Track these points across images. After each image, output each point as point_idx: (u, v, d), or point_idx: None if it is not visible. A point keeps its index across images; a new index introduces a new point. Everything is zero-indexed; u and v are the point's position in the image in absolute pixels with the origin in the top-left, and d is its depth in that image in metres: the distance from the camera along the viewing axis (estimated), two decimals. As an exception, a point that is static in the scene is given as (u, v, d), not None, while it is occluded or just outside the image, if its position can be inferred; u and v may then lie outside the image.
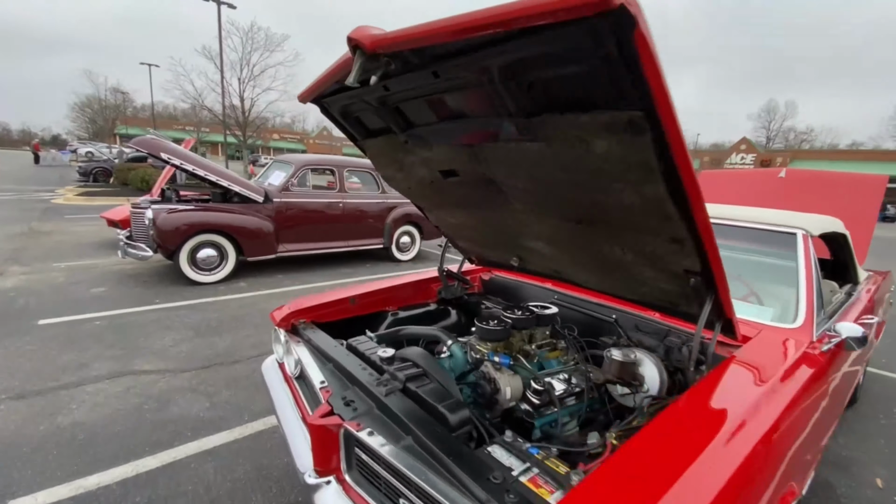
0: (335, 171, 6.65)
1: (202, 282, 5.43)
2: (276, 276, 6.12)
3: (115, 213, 7.40)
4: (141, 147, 5.26)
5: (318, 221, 6.43)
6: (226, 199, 6.12)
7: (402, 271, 6.81)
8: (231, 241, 5.58)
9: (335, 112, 1.82)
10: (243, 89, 19.24)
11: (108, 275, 5.71)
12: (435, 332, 1.83)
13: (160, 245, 5.12)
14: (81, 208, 11.87)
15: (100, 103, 55.78)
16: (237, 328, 4.13)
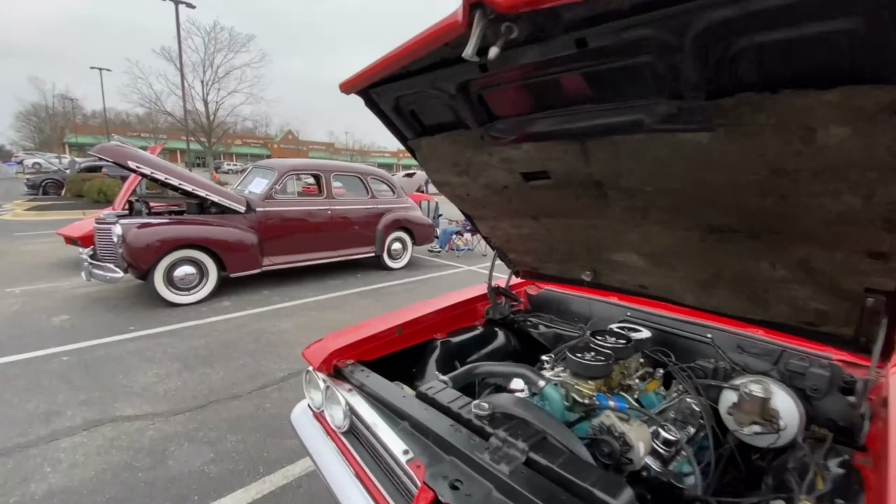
0: (321, 175, 6.21)
1: (181, 303, 4.90)
2: (261, 291, 5.64)
3: (74, 228, 6.70)
4: (104, 156, 4.68)
5: (304, 231, 5.98)
6: (202, 210, 5.59)
7: (395, 280, 6.45)
8: (211, 257, 5.07)
9: (385, 104, 1.49)
10: (207, 92, 18.26)
11: (70, 300, 5.08)
12: (520, 369, 1.51)
13: (131, 264, 4.57)
14: (33, 224, 10.87)
15: (47, 111, 52.35)
16: (230, 356, 3.68)
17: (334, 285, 6.07)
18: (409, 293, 5.84)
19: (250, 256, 5.35)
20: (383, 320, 1.96)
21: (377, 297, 5.62)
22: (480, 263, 7.89)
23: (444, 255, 8.59)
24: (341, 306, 5.16)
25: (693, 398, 1.47)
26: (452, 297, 2.28)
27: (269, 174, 5.88)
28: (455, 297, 2.28)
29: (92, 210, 12.76)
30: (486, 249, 8.79)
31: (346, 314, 4.88)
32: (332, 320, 4.66)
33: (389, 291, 5.90)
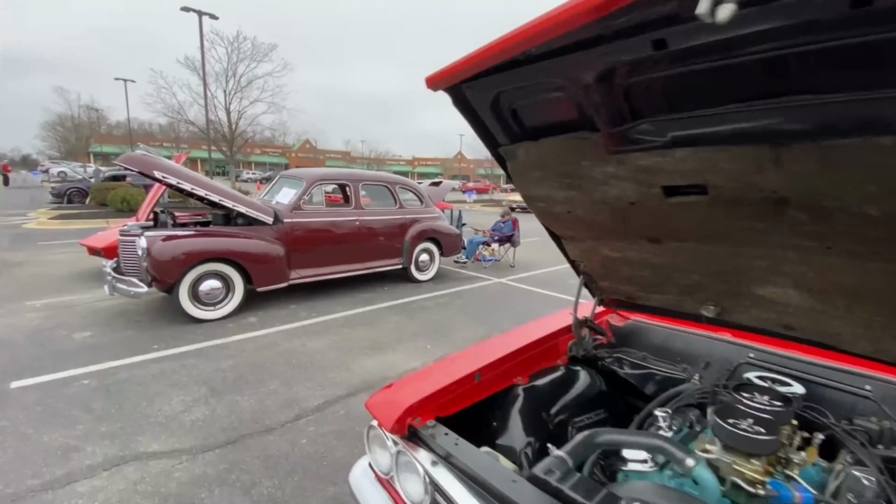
0: (350, 185, 5.97)
1: (206, 319, 4.67)
2: (287, 306, 5.39)
3: (97, 239, 6.57)
4: (130, 165, 4.50)
5: (332, 243, 5.73)
6: (228, 221, 5.39)
7: (424, 293, 6.15)
8: (238, 270, 4.84)
9: (481, 102, 1.19)
10: (229, 101, 18.34)
11: (92, 314, 4.90)
12: (657, 440, 1.18)
13: (156, 278, 4.36)
14: (57, 233, 10.89)
15: (72, 121, 53.78)
16: (260, 380, 3.40)
17: (362, 299, 5.80)
18: (441, 308, 5.53)
19: (278, 269, 5.11)
20: (456, 363, 1.64)
21: (408, 312, 5.32)
22: (510, 275, 7.55)
23: (470, 266, 8.27)
24: (372, 323, 4.87)
25: (863, 471, 1.12)
26: (531, 329, 1.96)
27: (296, 184, 5.66)
28: (534, 330, 1.95)
29: (116, 219, 12.81)
30: (514, 260, 8.45)
31: (378, 331, 4.59)
32: (365, 339, 4.37)
33: (420, 306, 5.59)
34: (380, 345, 4.23)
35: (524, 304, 5.90)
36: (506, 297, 6.18)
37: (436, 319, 5.07)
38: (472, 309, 5.55)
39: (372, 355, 3.98)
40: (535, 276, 7.61)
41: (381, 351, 4.09)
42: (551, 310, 5.50)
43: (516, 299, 6.11)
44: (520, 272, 7.91)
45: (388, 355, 3.99)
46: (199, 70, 17.21)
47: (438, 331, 4.68)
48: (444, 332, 4.67)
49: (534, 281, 7.28)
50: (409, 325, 4.85)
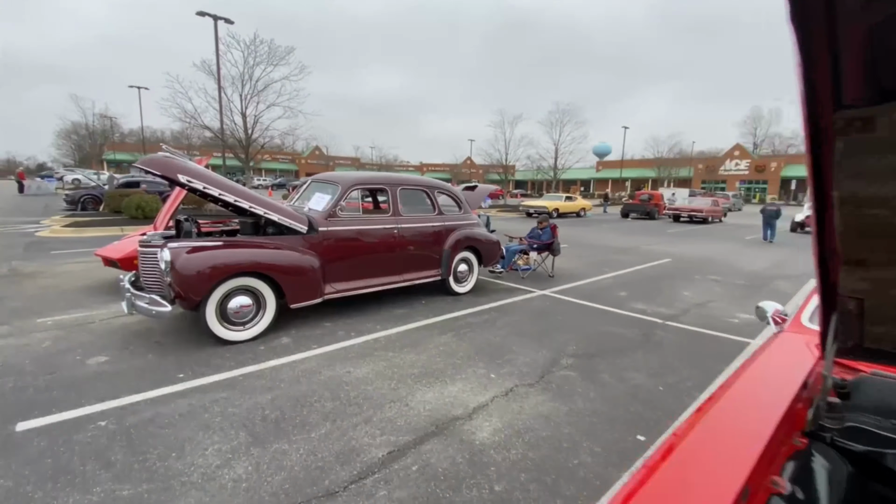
0: (387, 190, 5.46)
1: (234, 340, 4.16)
2: (321, 323, 4.86)
3: (113, 249, 6.13)
4: (152, 168, 4.03)
5: (370, 253, 5.21)
6: (257, 230, 4.89)
7: (466, 308, 5.60)
8: (270, 285, 4.33)
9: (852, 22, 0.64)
10: (245, 106, 17.98)
11: (108, 334, 4.41)
12: None
13: (180, 295, 3.86)
14: (70, 241, 10.52)
15: (87, 129, 54.34)
16: (306, 421, 2.87)
17: (400, 316, 5.26)
18: (489, 326, 4.97)
19: (313, 283, 4.59)
20: (688, 470, 1.07)
21: (454, 331, 4.76)
22: (551, 286, 6.98)
23: (505, 276, 7.71)
24: (418, 344, 4.33)
25: None
26: (745, 398, 1.38)
27: (331, 189, 5.15)
28: (749, 397, 1.37)
29: (130, 227, 12.44)
30: (553, 269, 7.87)
31: (426, 355, 4.04)
32: (414, 364, 3.82)
33: (465, 323, 5.04)
34: (433, 372, 3.68)
35: (579, 320, 5.32)
36: (556, 312, 5.61)
37: (487, 340, 4.51)
38: (524, 327, 4.98)
39: (428, 386, 3.42)
40: (579, 288, 7.03)
41: (437, 380, 3.53)
42: (613, 327, 4.91)
43: (568, 315, 5.53)
44: (561, 283, 7.33)
45: (447, 386, 3.43)
46: (214, 73, 16.90)
47: (495, 354, 4.12)
48: (502, 355, 4.11)
49: (579, 293, 6.70)
50: (460, 346, 4.30)
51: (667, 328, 5.14)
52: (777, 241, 14.83)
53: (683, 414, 3.11)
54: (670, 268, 9.26)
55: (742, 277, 8.48)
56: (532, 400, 3.24)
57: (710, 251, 12.06)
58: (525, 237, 8.01)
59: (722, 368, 3.99)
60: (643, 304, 6.23)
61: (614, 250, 11.74)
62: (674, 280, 7.98)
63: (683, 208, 23.51)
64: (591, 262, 9.62)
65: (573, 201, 24.93)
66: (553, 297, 6.45)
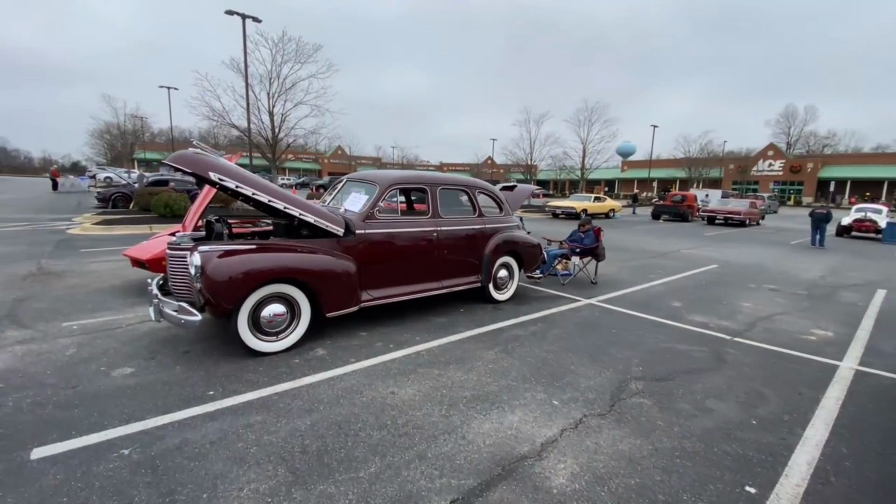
0: (427, 190, 5.07)
1: (267, 351, 3.83)
2: (356, 333, 4.51)
3: (141, 250, 5.91)
4: (181, 165, 3.73)
5: (408, 258, 4.84)
6: (290, 232, 4.57)
7: (510, 318, 5.18)
8: (305, 292, 3.99)
9: None
10: (273, 104, 17.90)
11: (135, 340, 4.15)
12: None
13: (211, 302, 3.54)
14: (99, 239, 10.50)
15: (118, 129, 55.89)
16: (353, 455, 2.49)
17: (440, 325, 4.87)
18: (538, 340, 4.53)
19: (350, 290, 4.24)
20: None
21: (501, 345, 4.34)
22: (596, 294, 6.48)
23: (544, 282, 7.24)
24: (464, 360, 3.92)
25: None
26: None
27: (368, 189, 4.80)
28: None
29: (159, 225, 12.44)
30: (596, 276, 7.37)
31: (476, 374, 3.63)
32: (464, 385, 3.42)
33: (512, 336, 4.61)
34: (486, 395, 3.27)
35: (635, 334, 4.83)
36: (608, 325, 5.13)
37: (540, 357, 4.08)
38: (577, 341, 4.53)
39: (484, 413, 3.01)
40: (628, 297, 6.52)
41: (492, 405, 3.12)
42: (676, 343, 4.42)
43: (623, 328, 5.04)
44: (606, 290, 6.83)
45: (505, 414, 3.02)
46: (242, 71, 16.84)
47: (553, 375, 3.68)
48: (560, 376, 3.67)
49: (628, 302, 6.19)
50: (511, 364, 3.87)
51: (738, 346, 4.61)
52: (826, 247, 13.91)
53: (794, 458, 2.62)
54: (719, 274, 8.62)
55: (801, 286, 7.80)
56: (607, 435, 2.80)
57: (756, 257, 11.32)
58: (565, 241, 7.53)
59: (818, 397, 3.46)
60: (702, 316, 5.68)
61: (652, 254, 11.12)
62: (727, 289, 7.37)
63: (720, 210, 22.49)
64: (633, 267, 9.05)
65: (602, 202, 24.16)
66: (601, 306, 5.96)
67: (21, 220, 13.77)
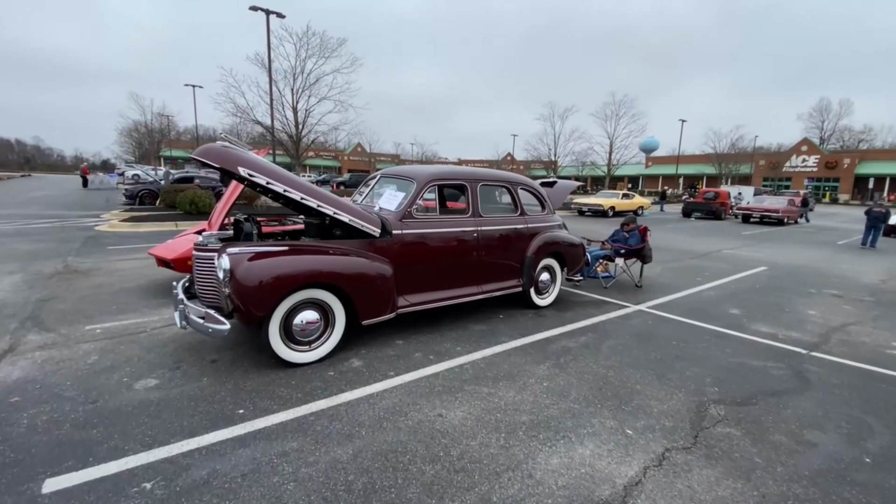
0: (467, 186, 4.68)
1: (300, 362, 3.52)
2: (392, 341, 4.17)
3: (167, 249, 5.70)
4: (209, 160, 3.43)
5: (447, 260, 4.46)
6: (322, 232, 4.25)
7: (556, 327, 4.78)
8: (339, 297, 3.66)
9: None
10: (297, 100, 17.74)
11: (159, 347, 3.89)
12: None
13: (240, 309, 3.23)
14: (126, 237, 10.46)
15: (146, 126, 57.09)
16: (405, 496, 2.13)
17: (480, 334, 4.49)
18: (591, 353, 4.10)
19: (387, 296, 3.89)
20: None
21: (553, 358, 3.93)
22: (644, 299, 6.00)
23: (585, 285, 6.77)
24: (514, 376, 3.53)
25: None
26: None
27: (405, 185, 4.44)
28: None
29: (184, 222, 12.38)
30: (641, 279, 6.88)
31: (531, 394, 3.24)
32: (519, 407, 3.03)
33: (563, 349, 4.19)
34: (548, 421, 2.87)
35: (699, 347, 4.36)
36: (666, 336, 4.66)
37: (599, 373, 3.65)
38: (636, 355, 4.09)
39: (549, 444, 2.62)
40: (679, 303, 6.02)
41: (556, 434, 2.72)
42: (747, 359, 3.95)
43: (683, 339, 4.57)
44: (653, 295, 6.34)
45: (573, 446, 2.61)
46: (266, 67, 16.69)
47: (618, 396, 3.26)
48: (627, 397, 3.24)
49: (681, 308, 5.70)
50: (568, 382, 3.46)
51: (818, 362, 4.09)
52: (878, 247, 13.01)
53: (940, 514, 2.15)
54: (772, 278, 8.00)
55: (864, 292, 7.15)
56: (699, 475, 2.37)
57: (804, 258, 10.58)
58: (608, 241, 7.04)
59: (938, 430, 2.95)
60: (767, 325, 5.16)
61: (692, 254, 10.51)
62: (786, 294, 6.78)
63: (756, 208, 21.47)
64: (675, 269, 8.50)
65: (630, 199, 23.36)
66: (653, 313, 5.48)
67: (51, 217, 13.94)
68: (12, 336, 4.09)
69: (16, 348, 3.82)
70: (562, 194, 6.09)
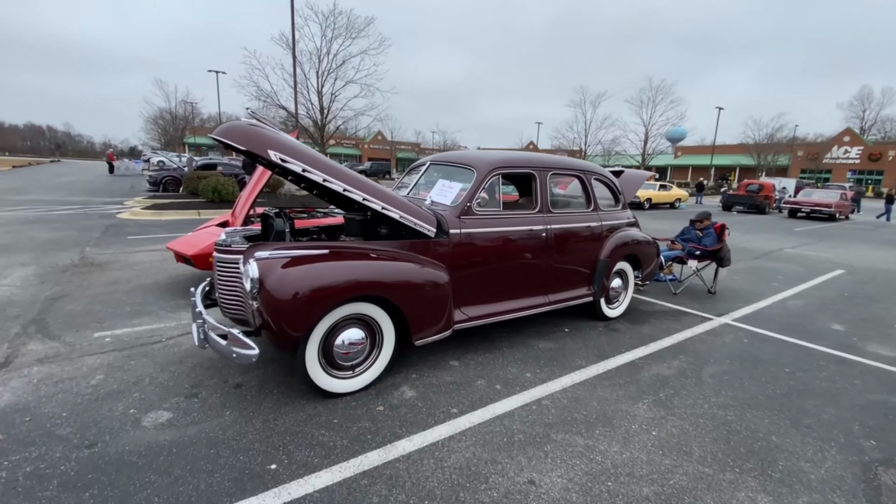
0: (535, 175, 3.92)
1: (341, 392, 2.86)
2: (445, 361, 3.49)
3: (186, 244, 5.12)
4: (233, 140, 2.75)
5: (513, 264, 3.73)
6: (366, 231, 3.56)
7: (638, 347, 4.04)
8: (388, 311, 2.97)
9: None
10: (322, 84, 17.02)
11: (176, 364, 3.29)
12: None
13: (272, 328, 2.57)
14: (148, 225, 10.03)
15: (170, 113, 57.48)
16: None
17: (547, 353, 3.76)
18: (696, 386, 3.34)
19: (444, 309, 3.19)
20: None
21: (650, 392, 3.19)
22: (726, 310, 5.17)
23: (650, 291, 5.96)
24: (610, 419, 2.79)
25: None
26: None
27: (462, 174, 3.70)
28: None
29: (207, 211, 11.93)
30: (716, 285, 6.02)
31: (640, 450, 2.50)
32: (632, 471, 2.30)
33: (657, 377, 3.43)
34: (679, 495, 2.13)
35: (818, 375, 3.54)
36: (771, 359, 3.86)
37: (717, 417, 2.89)
38: (750, 388, 3.30)
39: (692, 533, 1.88)
40: (764, 314, 5.16)
41: (695, 515, 1.99)
42: (888, 394, 3.07)
43: (793, 364, 3.76)
44: (731, 304, 5.49)
45: (727, 537, 1.87)
46: (290, 48, 15.99)
47: (754, 454, 2.50)
48: (770, 458, 2.48)
49: (770, 322, 4.86)
50: (682, 431, 2.71)
51: None
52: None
53: None
54: (856, 284, 7.01)
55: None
56: None
57: (882, 259, 9.47)
58: (676, 239, 6.18)
59: None
60: (886, 347, 4.29)
61: (754, 253, 9.54)
62: (884, 305, 5.84)
63: (805, 202, 20.01)
64: (744, 271, 7.58)
65: (668, 190, 22.12)
66: (742, 328, 4.66)
67: (75, 203, 13.70)
68: (11, 344, 3.55)
69: (12, 361, 3.27)
70: (633, 187, 5.25)
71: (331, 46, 16.30)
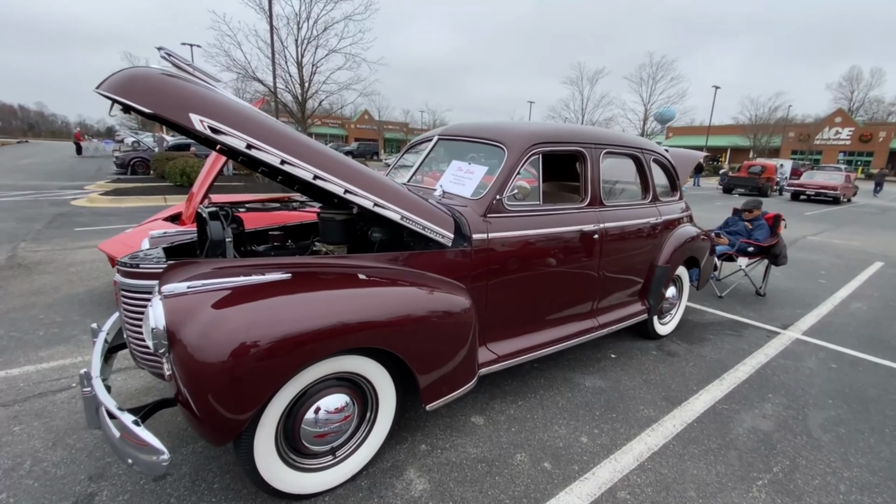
0: (585, 154, 2.88)
1: (312, 492, 1.86)
2: (464, 417, 2.52)
3: (120, 244, 4.04)
4: (130, 99, 1.67)
5: (555, 278, 2.72)
6: (351, 236, 2.51)
7: (703, 382, 3.09)
8: (384, 363, 1.96)
9: None
10: (302, 53, 15.42)
11: (76, 429, 2.26)
12: None
13: (194, 413, 1.54)
14: (103, 214, 8.81)
15: (145, 91, 54.39)
16: None
17: (602, 397, 2.81)
18: (813, 448, 2.43)
19: (468, 353, 2.18)
20: None
21: (761, 468, 2.26)
22: (789, 320, 4.29)
23: (691, 294, 5.03)
24: (718, 518, 1.85)
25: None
26: None
27: (486, 153, 2.64)
28: None
29: (175, 197, 10.66)
30: (765, 286, 5.14)
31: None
32: None
33: (758, 437, 2.51)
34: None
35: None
36: (883, 395, 2.97)
37: (863, 505, 1.97)
38: (876, 445, 2.41)
39: None
40: (832, 324, 4.29)
41: None
42: None
43: (920, 406, 2.87)
44: (787, 308, 4.64)
45: None
46: (266, 11, 14.36)
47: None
48: None
49: (847, 336, 3.99)
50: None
51: None
52: None
53: None
54: (916, 281, 6.20)
55: None
56: None
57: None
58: (721, 232, 5.23)
59: None
60: None
61: (781, 244, 8.68)
62: (965, 309, 5.01)
63: (810, 184, 19.33)
64: (799, 272, 6.70)
65: (668, 173, 21.22)
66: (820, 345, 3.77)
67: (27, 189, 12.29)
68: None
69: None
70: (685, 170, 4.24)
71: (311, 10, 14.74)
